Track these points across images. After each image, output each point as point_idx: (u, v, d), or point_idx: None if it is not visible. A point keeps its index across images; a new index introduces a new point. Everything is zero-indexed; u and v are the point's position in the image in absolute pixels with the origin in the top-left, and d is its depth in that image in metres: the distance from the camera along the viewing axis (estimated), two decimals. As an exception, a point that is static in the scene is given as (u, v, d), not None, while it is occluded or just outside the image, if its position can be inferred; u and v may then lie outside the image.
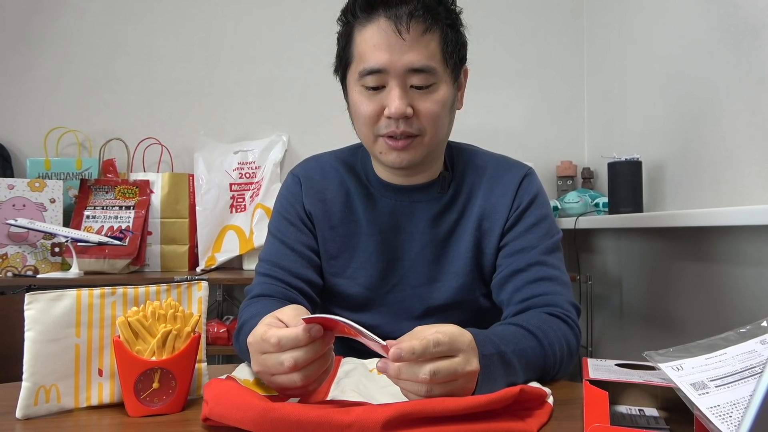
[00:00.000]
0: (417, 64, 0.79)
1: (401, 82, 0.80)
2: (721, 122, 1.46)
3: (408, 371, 0.55)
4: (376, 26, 0.80)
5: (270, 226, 0.96)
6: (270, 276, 0.89)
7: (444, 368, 0.56)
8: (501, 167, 0.93)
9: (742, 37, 1.38)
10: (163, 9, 2.15)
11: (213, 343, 1.81)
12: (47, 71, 2.09)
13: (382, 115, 0.82)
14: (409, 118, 0.81)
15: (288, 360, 0.57)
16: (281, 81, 2.19)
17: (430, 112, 0.82)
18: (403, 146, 0.82)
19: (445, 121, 0.86)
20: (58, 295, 0.63)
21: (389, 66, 0.79)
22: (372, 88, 0.82)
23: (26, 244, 1.77)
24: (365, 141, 0.87)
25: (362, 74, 0.81)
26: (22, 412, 0.61)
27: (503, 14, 2.26)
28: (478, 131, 2.21)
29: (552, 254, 0.87)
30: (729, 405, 0.46)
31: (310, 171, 0.96)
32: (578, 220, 1.87)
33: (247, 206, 2.00)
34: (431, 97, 0.82)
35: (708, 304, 1.49)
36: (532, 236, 0.88)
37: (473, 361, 0.59)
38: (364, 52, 0.81)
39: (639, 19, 1.88)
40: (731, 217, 1.23)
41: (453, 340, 0.57)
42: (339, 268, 0.93)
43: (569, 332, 0.78)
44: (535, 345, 0.71)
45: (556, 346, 0.74)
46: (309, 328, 0.57)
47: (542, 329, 0.74)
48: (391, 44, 0.79)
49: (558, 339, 0.75)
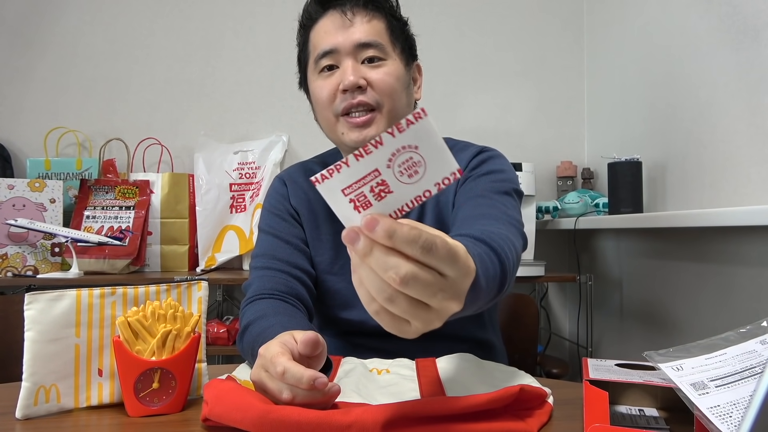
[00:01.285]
0: (364, 38, 0.86)
1: (352, 57, 0.87)
2: (721, 122, 1.46)
3: (379, 258, 0.41)
4: (325, 18, 0.90)
5: (260, 224, 0.98)
6: (268, 268, 0.89)
7: (423, 282, 0.42)
8: (461, 148, 0.95)
9: (742, 37, 1.38)
10: (163, 9, 2.15)
11: (213, 343, 1.81)
12: (47, 71, 2.09)
13: (338, 93, 0.86)
14: (363, 90, 0.85)
15: (287, 394, 0.55)
16: (281, 81, 2.19)
17: (383, 83, 0.86)
18: (362, 122, 0.86)
19: (402, 96, 0.89)
20: (57, 295, 0.63)
21: (339, 45, 0.87)
22: (327, 69, 0.88)
23: (26, 244, 1.77)
24: (328, 127, 0.91)
25: (317, 59, 0.89)
26: (22, 412, 0.61)
27: (503, 14, 2.26)
28: (478, 131, 2.21)
29: (499, 195, 0.84)
30: (729, 405, 0.46)
31: (294, 174, 1.01)
32: (578, 221, 1.87)
33: (247, 206, 2.00)
34: (382, 69, 0.87)
35: (708, 304, 1.49)
36: (478, 183, 0.86)
37: (457, 301, 0.45)
38: (317, 42, 0.90)
39: (639, 19, 1.88)
40: (731, 218, 1.23)
41: (452, 257, 0.43)
42: (326, 265, 0.95)
43: (512, 241, 0.72)
44: (490, 252, 0.64)
45: (509, 253, 0.68)
46: (315, 378, 0.54)
47: (489, 236, 0.68)
48: (338, 27, 0.88)
49: (507, 245, 0.69)
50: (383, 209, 0.42)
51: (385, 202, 0.42)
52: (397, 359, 0.80)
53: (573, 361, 2.15)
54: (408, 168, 0.41)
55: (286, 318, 0.77)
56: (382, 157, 0.41)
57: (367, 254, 0.41)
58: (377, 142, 0.40)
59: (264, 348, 0.61)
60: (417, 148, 0.40)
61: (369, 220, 0.41)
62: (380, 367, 0.76)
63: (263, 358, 0.60)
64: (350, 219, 0.43)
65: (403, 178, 0.41)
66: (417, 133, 0.40)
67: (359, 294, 0.45)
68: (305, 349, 0.59)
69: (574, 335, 2.13)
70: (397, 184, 0.41)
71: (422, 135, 0.40)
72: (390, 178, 0.41)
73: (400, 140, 0.40)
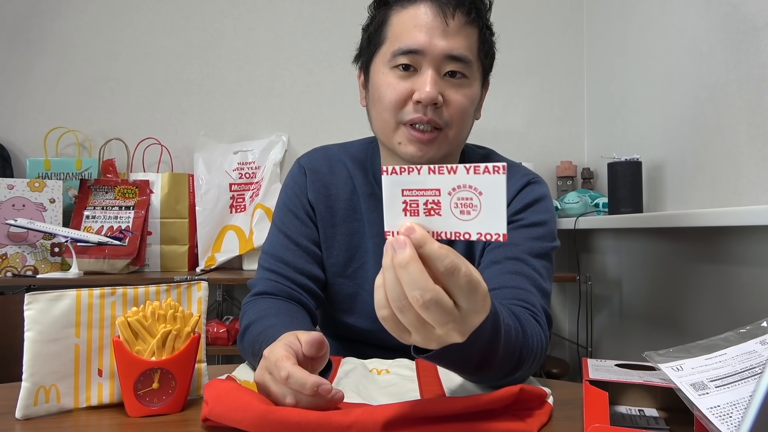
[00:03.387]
0: (456, 51, 0.77)
1: (436, 67, 0.77)
2: (721, 122, 1.46)
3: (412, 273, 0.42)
4: (419, 8, 0.78)
5: (274, 216, 0.93)
6: (273, 271, 0.87)
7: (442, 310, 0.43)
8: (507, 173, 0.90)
9: (742, 37, 1.38)
10: (163, 9, 2.15)
11: (213, 343, 1.81)
12: (47, 71, 2.09)
13: (409, 101, 0.78)
14: (438, 108, 0.77)
15: (290, 399, 0.55)
16: (281, 81, 2.19)
17: (460, 105, 0.78)
18: (428, 139, 0.78)
19: (470, 121, 0.82)
20: (57, 296, 0.63)
21: (427, 48, 0.76)
22: (403, 69, 0.78)
23: (26, 244, 1.77)
24: (383, 130, 0.82)
25: (395, 54, 0.78)
26: (22, 413, 0.60)
27: (503, 14, 2.24)
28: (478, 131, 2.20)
29: (537, 258, 0.80)
30: (729, 405, 0.46)
31: (316, 163, 0.93)
32: (578, 221, 1.87)
33: (247, 206, 2.00)
34: (463, 90, 0.79)
35: (708, 304, 1.49)
36: (518, 234, 0.81)
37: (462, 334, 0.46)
38: (401, 32, 0.78)
39: (639, 19, 1.88)
40: (731, 217, 1.23)
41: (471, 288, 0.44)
42: (338, 267, 0.91)
43: (542, 334, 0.71)
44: (518, 328, 0.64)
45: (535, 339, 0.68)
46: (318, 384, 0.53)
47: (524, 317, 0.68)
48: (432, 27, 0.76)
49: (536, 334, 0.69)
50: (426, 224, 0.45)
51: (429, 220, 0.45)
52: (397, 359, 0.80)
53: (573, 361, 2.15)
54: (464, 205, 0.44)
55: (287, 318, 0.77)
56: (449, 184, 0.44)
57: (403, 265, 0.42)
58: (452, 169, 0.44)
59: (268, 350, 0.60)
60: (481, 195, 0.44)
61: (410, 227, 0.43)
62: (380, 368, 0.76)
63: (267, 360, 0.59)
64: (395, 217, 0.46)
65: (455, 211, 0.45)
66: (488, 182, 0.43)
67: (375, 295, 0.46)
68: (310, 350, 0.58)
69: (574, 335, 2.13)
70: (447, 212, 0.45)
71: (491, 187, 0.43)
72: (445, 204, 0.45)
73: (472, 180, 0.44)
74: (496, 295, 0.75)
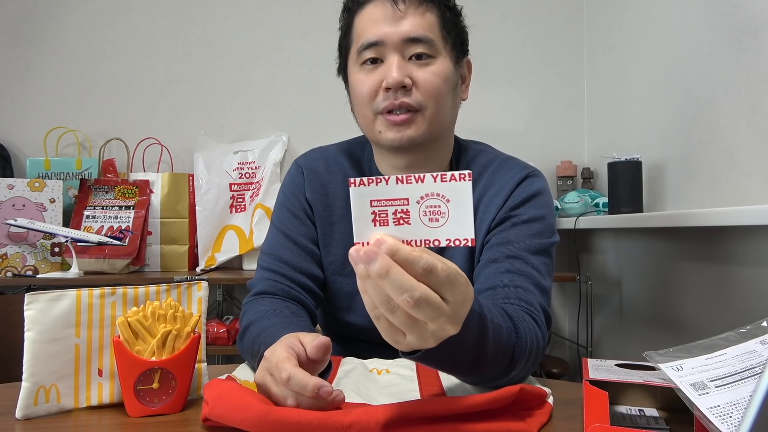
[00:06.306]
0: (413, 33, 0.80)
1: (399, 52, 0.80)
2: (721, 122, 1.46)
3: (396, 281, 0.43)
4: (374, 4, 0.82)
5: (273, 216, 0.94)
6: (272, 271, 0.87)
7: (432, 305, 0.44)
8: (504, 167, 0.89)
9: (742, 37, 1.38)
10: (163, 9, 2.15)
11: (213, 343, 1.81)
12: (47, 71, 2.09)
13: (380, 90, 0.80)
14: (408, 90, 0.79)
15: (291, 401, 0.55)
16: (281, 81, 2.19)
17: (430, 84, 0.80)
18: (402, 121, 0.80)
19: (447, 98, 0.83)
20: (57, 295, 0.63)
21: (385, 36, 0.80)
22: (370, 62, 0.81)
23: (26, 244, 1.77)
24: (365, 124, 0.86)
25: (360, 50, 0.82)
26: (22, 412, 0.60)
27: (503, 14, 2.26)
28: (478, 131, 2.21)
29: (536, 255, 0.80)
30: (729, 405, 0.46)
31: (313, 163, 0.95)
32: (578, 220, 1.87)
33: (247, 206, 2.00)
34: (430, 68, 0.81)
35: (708, 304, 1.49)
36: (517, 231, 0.81)
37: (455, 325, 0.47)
38: (362, 30, 0.82)
39: (639, 20, 1.88)
40: (731, 217, 1.23)
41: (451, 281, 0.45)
42: (337, 266, 0.91)
43: (539, 333, 0.70)
44: (510, 327, 0.64)
45: (529, 338, 0.67)
46: (319, 386, 0.53)
47: (518, 316, 0.68)
48: (387, 17, 0.80)
49: (530, 332, 0.68)
50: (395, 233, 0.46)
51: (399, 229, 0.46)
52: (397, 359, 0.80)
53: (573, 360, 2.15)
54: (432, 213, 0.46)
55: (286, 319, 0.77)
56: (417, 192, 0.45)
57: (383, 275, 0.43)
58: (419, 178, 0.45)
59: (269, 351, 0.60)
60: (448, 201, 0.45)
61: (379, 239, 0.44)
62: (380, 368, 0.76)
63: (268, 361, 0.59)
64: (364, 228, 0.47)
65: (424, 219, 0.46)
66: (455, 189, 0.45)
67: (363, 299, 0.47)
68: (316, 354, 0.58)
69: (574, 335, 2.13)
70: (416, 220, 0.46)
71: (457, 193, 0.45)
72: (414, 213, 0.46)
73: (439, 187, 0.45)
74: (494, 294, 0.75)
